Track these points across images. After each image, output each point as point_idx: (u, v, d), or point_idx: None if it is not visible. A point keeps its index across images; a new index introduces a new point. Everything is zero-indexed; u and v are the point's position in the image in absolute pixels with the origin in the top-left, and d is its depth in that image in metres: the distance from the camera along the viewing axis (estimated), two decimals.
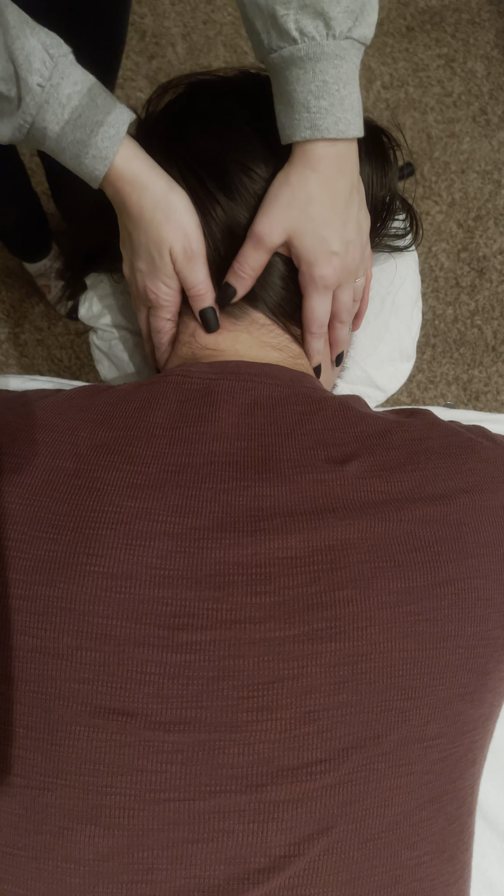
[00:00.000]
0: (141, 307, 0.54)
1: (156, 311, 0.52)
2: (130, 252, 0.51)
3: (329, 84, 0.44)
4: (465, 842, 0.42)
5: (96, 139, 0.45)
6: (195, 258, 0.49)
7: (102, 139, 0.45)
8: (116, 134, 0.45)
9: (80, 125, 0.44)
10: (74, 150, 0.45)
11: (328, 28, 0.43)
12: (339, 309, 0.52)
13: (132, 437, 0.42)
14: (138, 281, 0.51)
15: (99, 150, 0.45)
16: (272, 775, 0.37)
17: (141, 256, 0.50)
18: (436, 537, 0.40)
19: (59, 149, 0.45)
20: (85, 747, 0.36)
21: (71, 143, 0.45)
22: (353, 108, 0.45)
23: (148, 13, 1.55)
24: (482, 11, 1.62)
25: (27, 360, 1.42)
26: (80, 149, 0.45)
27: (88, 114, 0.44)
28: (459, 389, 1.45)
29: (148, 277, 0.50)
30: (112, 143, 0.45)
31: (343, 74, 0.44)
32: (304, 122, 0.44)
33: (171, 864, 0.36)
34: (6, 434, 0.42)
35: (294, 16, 0.42)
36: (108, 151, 0.45)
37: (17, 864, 0.37)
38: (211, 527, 0.39)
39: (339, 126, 0.44)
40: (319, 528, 0.39)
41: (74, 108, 0.44)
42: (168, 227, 0.48)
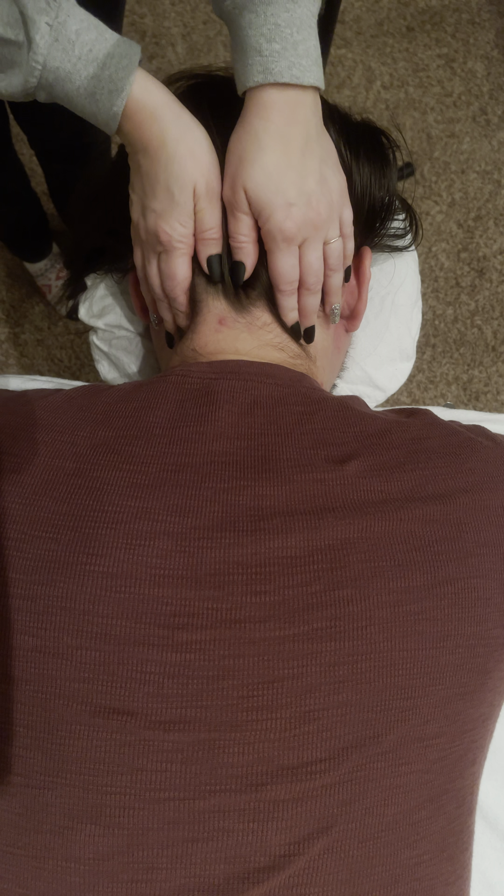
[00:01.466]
0: (150, 255, 0.51)
1: (168, 256, 0.49)
2: (143, 192, 0.48)
3: (281, 27, 0.43)
4: (464, 841, 0.42)
5: (110, 71, 0.44)
6: (216, 198, 0.47)
7: (116, 70, 0.44)
8: (130, 64, 0.44)
9: (91, 59, 0.43)
10: (89, 87, 0.44)
11: None
12: (304, 271, 0.49)
13: (132, 437, 0.42)
14: (149, 222, 0.48)
15: (114, 83, 0.44)
16: (272, 774, 0.37)
17: (157, 195, 0.47)
18: (436, 537, 0.40)
19: (73, 89, 0.44)
20: (85, 746, 0.36)
21: (85, 79, 0.43)
22: (308, 54, 0.44)
23: (148, 13, 1.55)
24: (482, 11, 1.62)
25: (27, 360, 1.42)
26: (95, 84, 0.44)
27: (99, 47, 0.43)
28: (459, 389, 1.45)
29: (162, 217, 0.47)
30: (126, 73, 0.44)
31: (296, 19, 0.43)
32: (257, 65, 0.43)
33: (171, 863, 0.36)
34: (6, 434, 0.42)
35: None
36: (123, 82, 0.44)
37: (17, 863, 0.37)
38: (211, 526, 0.39)
39: (292, 71, 0.43)
40: (319, 528, 0.39)
41: (84, 42, 0.43)
42: (192, 161, 0.46)
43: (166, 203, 0.47)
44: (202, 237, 0.48)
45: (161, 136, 0.45)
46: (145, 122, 0.45)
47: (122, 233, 0.54)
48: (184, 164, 0.46)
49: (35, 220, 1.26)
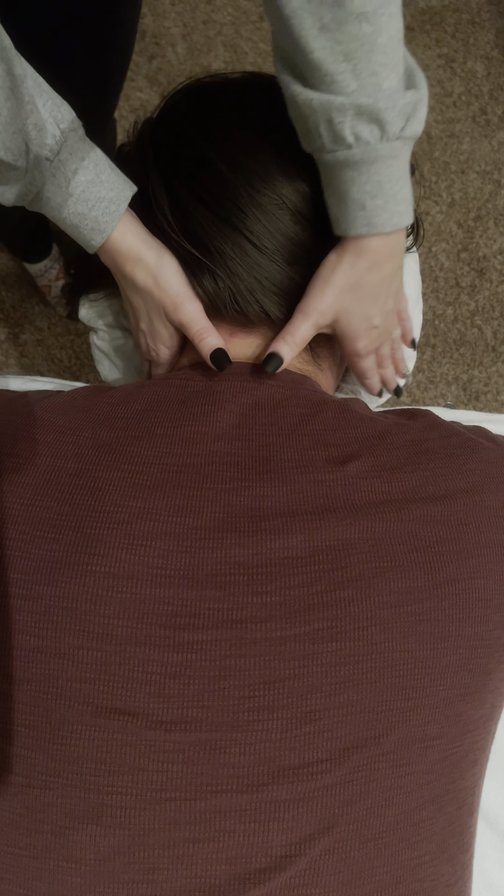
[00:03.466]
0: (144, 360, 0.57)
1: (158, 366, 0.56)
2: (133, 313, 0.53)
3: (383, 184, 0.44)
4: (465, 842, 0.42)
5: (96, 213, 0.46)
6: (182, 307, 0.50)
7: (102, 214, 0.47)
8: (116, 210, 0.47)
9: (82, 199, 0.46)
10: (74, 220, 0.47)
11: (383, 132, 0.43)
12: (381, 360, 0.56)
13: (133, 438, 0.42)
14: (141, 339, 0.54)
15: (98, 224, 0.47)
16: (273, 775, 0.37)
17: (142, 319, 0.52)
18: (437, 537, 0.40)
19: (60, 217, 0.47)
20: (86, 746, 0.36)
21: (72, 214, 0.46)
22: (405, 199, 0.46)
23: (148, 13, 1.55)
24: (482, 11, 1.62)
25: (27, 360, 1.42)
26: (80, 220, 0.47)
27: (92, 189, 0.46)
28: (459, 389, 1.45)
29: (150, 338, 0.53)
30: (111, 219, 0.47)
31: (395, 172, 0.45)
32: (360, 219, 0.45)
33: (172, 863, 0.37)
34: (7, 434, 0.42)
35: (350, 122, 0.42)
36: (107, 226, 0.47)
37: (18, 863, 0.37)
38: (212, 527, 0.39)
39: (392, 220, 0.46)
40: (320, 529, 0.39)
41: (79, 182, 0.45)
42: (160, 293, 0.49)
43: (150, 328, 0.52)
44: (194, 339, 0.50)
45: (132, 273, 0.49)
46: (119, 259, 0.49)
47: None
48: (153, 297, 0.50)
49: (35, 221, 1.26)
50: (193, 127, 0.51)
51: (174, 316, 0.50)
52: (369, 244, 0.47)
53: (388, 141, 0.43)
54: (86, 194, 0.46)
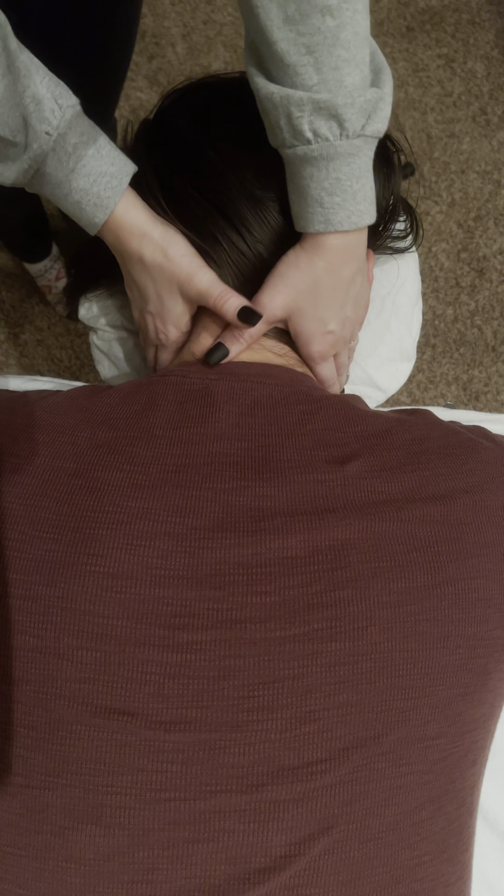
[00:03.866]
0: (148, 344, 0.56)
1: (166, 350, 0.54)
2: (139, 296, 0.52)
3: (342, 181, 0.44)
4: (465, 842, 0.42)
5: (98, 188, 0.46)
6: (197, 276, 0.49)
7: (105, 189, 0.46)
8: (119, 185, 0.46)
9: (84, 174, 0.45)
10: (76, 197, 0.46)
11: (342, 129, 0.43)
12: (338, 368, 0.56)
13: (132, 438, 0.42)
14: (149, 323, 0.53)
15: (100, 199, 0.46)
16: (273, 775, 0.37)
17: (149, 300, 0.51)
18: (436, 537, 0.40)
19: (62, 194, 0.46)
20: (86, 747, 0.36)
21: (73, 190, 0.46)
22: (365, 198, 0.46)
23: (148, 13, 1.55)
24: (482, 11, 1.62)
25: (27, 360, 1.42)
26: (82, 196, 0.46)
27: (93, 164, 0.45)
28: (459, 389, 1.45)
29: (159, 319, 0.52)
30: (114, 194, 0.46)
31: (356, 170, 0.45)
32: (318, 216, 0.45)
33: (171, 863, 0.36)
34: (6, 434, 0.42)
35: (308, 117, 0.43)
36: (110, 201, 0.46)
37: (17, 863, 0.37)
38: (211, 527, 0.39)
39: (351, 219, 0.45)
40: (320, 529, 0.39)
41: (80, 157, 0.45)
42: (170, 268, 0.48)
43: (160, 308, 0.51)
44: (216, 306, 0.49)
45: (139, 250, 0.48)
46: (124, 236, 0.48)
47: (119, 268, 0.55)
48: (163, 273, 0.49)
49: (35, 221, 1.26)
50: (189, 125, 0.51)
51: (190, 286, 0.49)
52: (326, 242, 0.47)
53: (347, 138, 0.43)
54: (87, 168, 0.45)
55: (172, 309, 0.51)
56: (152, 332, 0.53)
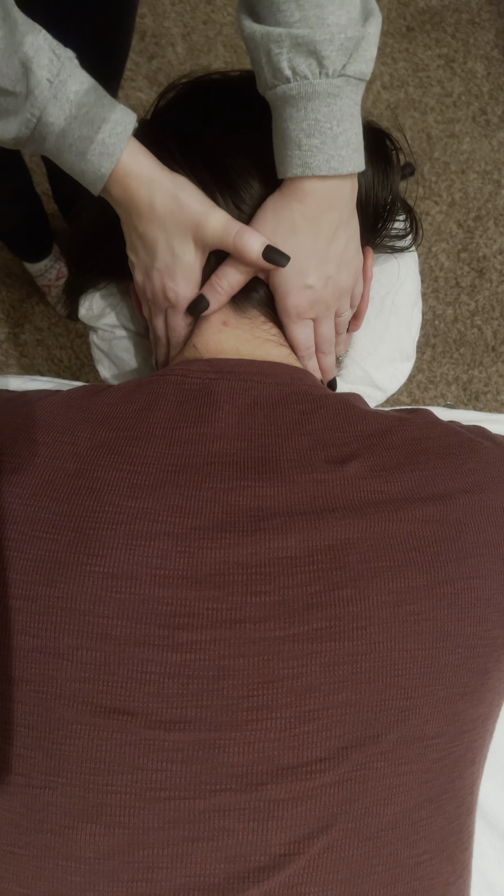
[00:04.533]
0: (157, 311, 0.53)
1: (176, 312, 0.51)
2: (144, 254, 0.50)
3: (321, 122, 0.44)
4: (464, 841, 0.42)
5: (103, 135, 0.44)
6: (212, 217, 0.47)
7: (110, 135, 0.45)
8: (124, 131, 0.45)
9: (86, 121, 0.44)
10: (80, 146, 0.45)
11: (321, 67, 0.42)
12: (319, 341, 0.52)
13: (132, 438, 0.42)
14: (155, 283, 0.50)
15: (105, 147, 0.45)
16: (272, 774, 0.37)
17: (158, 255, 0.49)
18: (436, 537, 0.40)
19: (65, 145, 0.45)
20: (86, 746, 0.36)
21: (77, 139, 0.44)
22: (348, 144, 0.45)
23: (148, 13, 1.55)
24: (482, 11, 1.62)
25: (27, 360, 1.42)
26: (86, 145, 0.45)
27: (95, 111, 0.44)
28: (459, 389, 1.45)
29: (167, 275, 0.49)
30: (119, 140, 0.45)
31: (337, 112, 0.44)
32: (296, 159, 0.45)
33: (171, 862, 0.37)
34: (6, 434, 0.42)
35: (287, 54, 0.42)
36: (116, 148, 0.45)
37: (18, 862, 0.37)
38: (211, 527, 0.39)
39: (330, 164, 0.44)
40: (319, 528, 0.39)
41: (81, 104, 0.44)
42: (183, 214, 0.47)
43: (170, 260, 0.48)
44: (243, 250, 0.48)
45: (150, 197, 0.47)
46: (132, 185, 0.46)
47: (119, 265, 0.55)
48: (176, 218, 0.47)
49: (36, 220, 1.26)
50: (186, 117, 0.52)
51: (205, 228, 0.47)
52: (304, 186, 0.45)
53: (327, 77, 0.43)
54: (90, 115, 0.44)
55: (183, 257, 0.48)
56: (160, 292, 0.51)
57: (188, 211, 0.47)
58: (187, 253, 0.48)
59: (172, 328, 0.53)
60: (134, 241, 0.50)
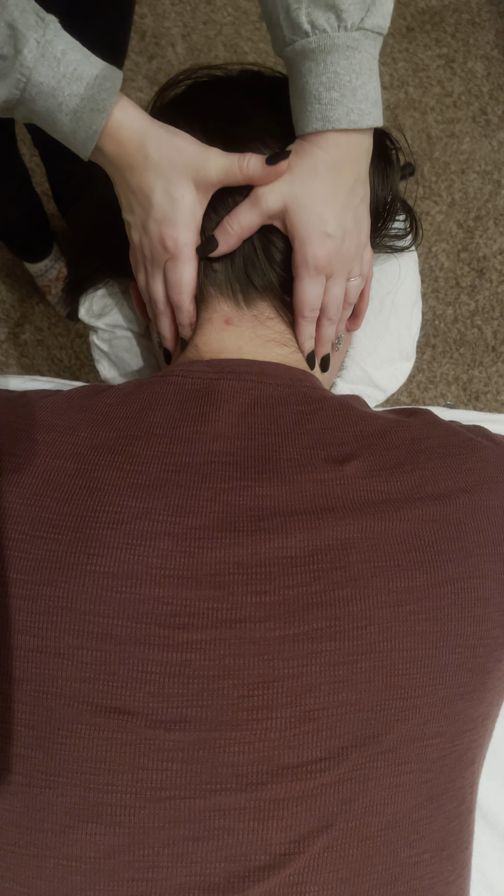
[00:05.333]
0: (155, 270, 0.50)
1: (175, 262, 0.49)
2: (140, 208, 0.48)
3: (340, 75, 0.44)
4: (464, 841, 0.42)
5: (92, 91, 0.44)
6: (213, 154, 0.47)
7: (99, 91, 0.44)
8: (112, 86, 0.45)
9: (75, 79, 0.44)
10: (70, 104, 0.44)
11: (339, 20, 0.43)
12: (327, 302, 0.51)
13: (132, 437, 0.42)
14: (153, 235, 0.48)
15: (96, 103, 0.44)
16: (272, 773, 0.37)
17: (155, 204, 0.47)
18: (435, 537, 0.40)
19: (55, 105, 0.44)
20: (86, 746, 0.36)
21: (67, 97, 0.44)
22: (367, 97, 0.45)
23: (148, 13, 1.55)
24: (482, 11, 1.62)
25: (27, 360, 1.42)
26: (76, 102, 0.44)
27: (83, 68, 0.44)
28: (459, 389, 1.45)
29: (165, 223, 0.47)
30: (109, 95, 0.45)
31: (356, 65, 0.44)
32: (316, 113, 0.45)
33: (171, 861, 0.37)
34: (6, 434, 0.42)
35: (306, 9, 0.43)
36: (106, 103, 0.45)
37: (18, 862, 0.37)
38: (211, 526, 0.39)
39: (350, 116, 0.45)
40: (319, 528, 0.39)
41: (69, 62, 0.44)
42: (181, 156, 0.46)
43: (168, 207, 0.47)
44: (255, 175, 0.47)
45: (143, 147, 0.46)
46: (125, 137, 0.46)
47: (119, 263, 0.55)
48: (173, 162, 0.46)
49: (36, 221, 1.26)
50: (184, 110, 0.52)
51: (207, 167, 0.46)
52: (326, 139, 0.46)
53: (346, 30, 0.43)
54: (79, 72, 0.44)
55: (183, 201, 0.47)
56: (158, 244, 0.48)
57: (186, 153, 0.46)
58: (187, 195, 0.47)
59: (173, 284, 0.50)
60: (129, 199, 0.49)
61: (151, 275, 0.51)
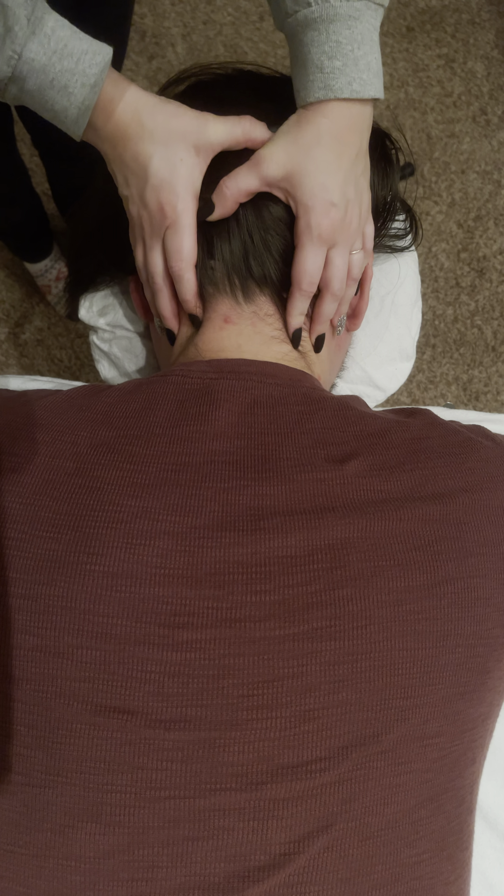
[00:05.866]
0: (153, 241, 0.49)
1: (175, 230, 0.47)
2: (136, 179, 0.47)
3: (342, 45, 0.44)
4: (464, 840, 0.42)
5: (83, 66, 0.44)
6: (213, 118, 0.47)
7: (90, 65, 0.44)
8: (103, 60, 0.45)
9: (66, 54, 0.44)
10: (62, 79, 0.44)
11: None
12: (331, 275, 0.49)
13: (132, 437, 0.42)
14: (151, 203, 0.47)
15: (87, 77, 0.44)
16: (272, 773, 0.37)
17: (152, 171, 0.46)
18: (435, 536, 0.40)
19: (47, 81, 0.44)
20: (86, 745, 0.36)
21: (59, 72, 0.44)
22: (369, 68, 0.45)
23: (148, 13, 1.55)
24: (482, 11, 1.62)
25: (27, 360, 1.42)
26: (68, 78, 0.44)
27: (73, 43, 0.44)
28: (459, 389, 1.45)
29: (163, 189, 0.46)
30: (100, 70, 0.45)
31: (357, 35, 0.44)
32: (318, 82, 0.45)
33: (171, 861, 0.37)
34: (6, 434, 0.42)
35: None
36: (97, 77, 0.45)
37: (18, 861, 0.37)
38: (211, 525, 0.39)
39: (352, 86, 0.45)
40: (319, 527, 0.39)
41: (59, 38, 0.44)
42: (178, 121, 0.46)
43: (166, 173, 0.46)
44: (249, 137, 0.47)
45: (138, 116, 0.46)
46: (118, 109, 0.46)
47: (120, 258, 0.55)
48: (170, 128, 0.46)
49: (36, 221, 1.26)
50: None
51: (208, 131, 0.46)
52: (329, 108, 0.45)
53: (347, 0, 0.43)
54: (69, 48, 0.44)
55: (182, 165, 0.46)
56: (157, 212, 0.47)
57: (183, 118, 0.46)
58: (186, 159, 0.46)
59: (173, 252, 0.48)
60: (124, 173, 0.48)
61: (150, 247, 0.50)
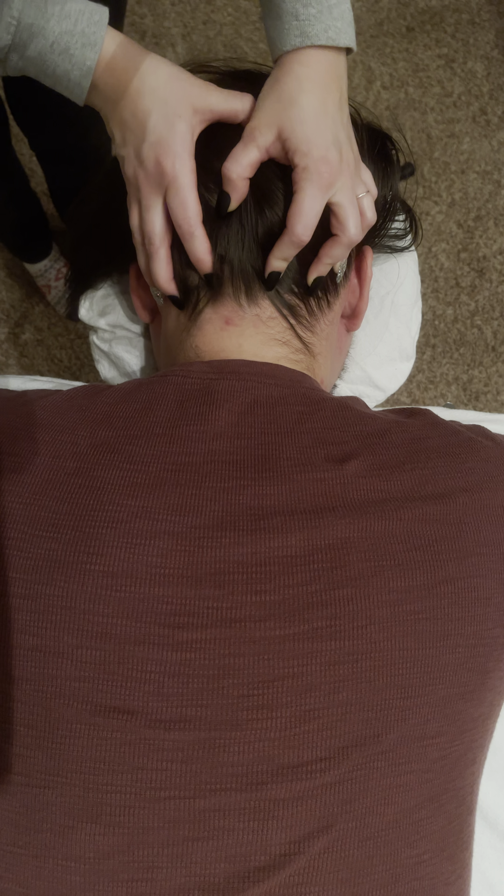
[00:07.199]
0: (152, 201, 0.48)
1: (177, 189, 0.46)
2: (134, 137, 0.47)
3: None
4: (464, 841, 0.42)
5: (82, 26, 0.44)
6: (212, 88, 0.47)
7: (88, 25, 0.44)
8: (101, 19, 0.45)
9: (64, 16, 0.44)
10: (62, 42, 0.44)
11: None
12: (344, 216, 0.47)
13: (132, 437, 0.42)
14: (148, 160, 0.46)
15: (87, 37, 0.44)
16: (272, 773, 0.37)
17: (150, 128, 0.46)
18: (436, 536, 0.40)
19: (47, 46, 0.44)
20: (85, 745, 0.36)
21: (58, 35, 0.44)
22: (342, 16, 0.46)
23: (148, 13, 1.55)
24: (482, 11, 1.62)
25: (27, 360, 1.42)
26: (69, 39, 0.44)
27: (70, 5, 0.44)
28: (459, 389, 1.45)
29: (162, 146, 0.45)
30: (98, 28, 0.45)
31: None
32: (294, 30, 0.45)
33: (171, 862, 0.37)
34: (6, 434, 0.42)
35: None
36: (97, 36, 0.44)
37: (17, 862, 0.37)
38: (211, 525, 0.39)
39: (328, 33, 0.45)
40: (319, 527, 0.39)
41: (56, 1, 0.44)
42: (180, 83, 0.46)
43: (164, 130, 0.46)
44: None
45: (140, 73, 0.46)
46: (120, 67, 0.46)
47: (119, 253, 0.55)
48: (172, 87, 0.46)
49: (35, 221, 1.26)
50: None
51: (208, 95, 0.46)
52: (306, 55, 0.45)
53: None
54: (66, 10, 0.44)
55: (180, 124, 0.45)
56: (154, 169, 0.46)
57: (185, 80, 0.46)
58: (185, 117, 0.46)
59: (179, 208, 0.47)
60: (122, 132, 0.47)
61: (146, 207, 0.48)
